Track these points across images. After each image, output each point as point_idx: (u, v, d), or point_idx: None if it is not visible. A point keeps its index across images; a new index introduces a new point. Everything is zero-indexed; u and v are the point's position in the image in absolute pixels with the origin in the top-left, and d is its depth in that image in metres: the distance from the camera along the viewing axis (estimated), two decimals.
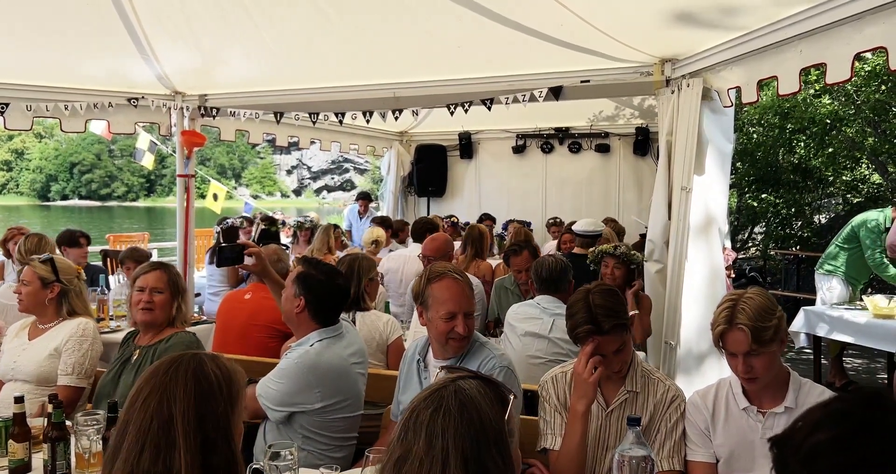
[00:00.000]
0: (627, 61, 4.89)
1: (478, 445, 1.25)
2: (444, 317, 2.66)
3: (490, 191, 10.26)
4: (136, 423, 1.36)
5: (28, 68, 5.63)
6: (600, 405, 2.46)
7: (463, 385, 1.33)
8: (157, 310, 3.11)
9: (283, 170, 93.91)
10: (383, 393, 3.48)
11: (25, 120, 5.77)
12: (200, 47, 5.59)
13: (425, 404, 1.31)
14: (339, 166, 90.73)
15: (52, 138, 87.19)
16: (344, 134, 9.00)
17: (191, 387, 1.40)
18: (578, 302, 2.43)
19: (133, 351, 3.14)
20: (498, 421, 1.29)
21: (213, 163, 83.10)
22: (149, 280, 3.11)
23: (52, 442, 2.40)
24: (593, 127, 9.49)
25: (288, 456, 2.13)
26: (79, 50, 5.48)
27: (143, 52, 5.46)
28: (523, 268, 4.78)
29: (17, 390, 3.04)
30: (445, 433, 1.26)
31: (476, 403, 1.29)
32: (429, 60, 5.52)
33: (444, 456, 1.25)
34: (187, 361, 1.46)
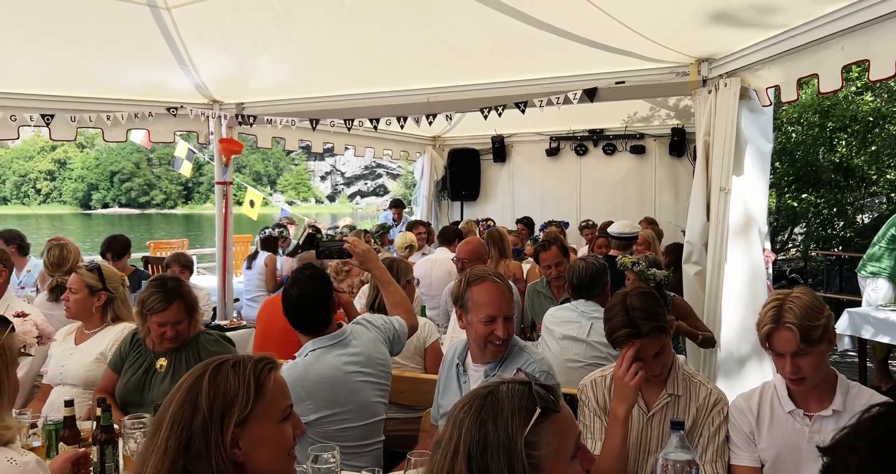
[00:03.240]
0: (663, 61, 4.84)
1: (483, 447, 1.24)
2: (483, 321, 2.65)
3: (523, 195, 10.22)
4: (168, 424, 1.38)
5: (71, 80, 5.78)
6: (641, 409, 2.44)
7: (502, 387, 1.32)
8: (181, 336, 3.18)
9: (318, 177, 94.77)
10: (422, 397, 3.49)
11: (70, 130, 5.92)
12: (237, 56, 5.70)
13: (464, 400, 1.33)
14: (372, 171, 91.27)
15: (93, 148, 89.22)
16: (378, 139, 9.07)
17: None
18: (616, 305, 2.42)
19: (154, 358, 3.20)
20: (508, 432, 1.24)
21: (248, 170, 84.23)
22: (168, 316, 3.11)
23: (101, 445, 2.46)
24: (628, 128, 9.40)
25: (330, 459, 2.15)
26: (120, 62, 5.61)
27: (181, 63, 5.57)
28: (552, 263, 4.75)
29: (66, 394, 3.12)
30: (462, 427, 1.26)
31: (496, 406, 1.28)
32: (462, 65, 5.54)
33: (454, 449, 1.25)
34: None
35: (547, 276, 4.85)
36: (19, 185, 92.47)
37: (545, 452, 1.27)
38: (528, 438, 1.25)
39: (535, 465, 1.25)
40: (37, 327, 2.88)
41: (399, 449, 3.04)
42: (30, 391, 3.72)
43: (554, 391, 1.33)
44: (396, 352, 3.21)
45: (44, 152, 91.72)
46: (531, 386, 1.32)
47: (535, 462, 1.25)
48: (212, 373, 1.41)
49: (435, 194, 10.52)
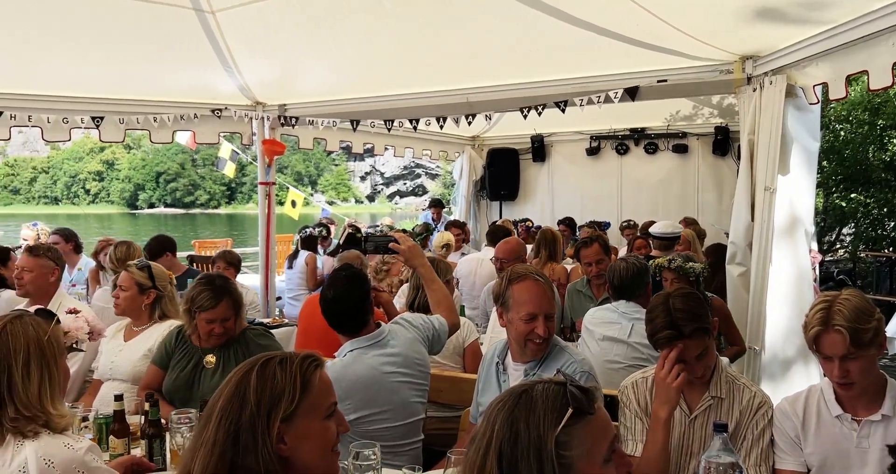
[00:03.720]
0: (706, 59, 4.77)
1: (514, 444, 1.24)
2: (524, 319, 2.65)
3: (563, 194, 10.16)
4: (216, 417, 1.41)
5: (120, 83, 5.93)
6: (683, 411, 2.41)
7: (538, 386, 1.33)
8: (228, 333, 3.25)
9: (357, 177, 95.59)
10: (461, 396, 3.51)
11: (118, 132, 6.08)
12: (280, 58, 5.78)
13: (502, 396, 1.33)
14: (410, 172, 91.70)
15: (140, 149, 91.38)
16: (417, 139, 9.11)
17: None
18: (658, 306, 2.39)
19: (202, 354, 3.26)
20: (539, 431, 1.25)
21: (290, 170, 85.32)
22: (217, 313, 3.18)
23: (149, 439, 2.53)
24: (670, 127, 9.28)
25: (371, 456, 2.17)
26: (167, 64, 5.74)
27: (226, 65, 5.68)
28: (593, 261, 4.71)
29: (116, 389, 3.21)
30: (495, 424, 1.27)
31: (530, 405, 1.28)
32: (501, 64, 5.53)
33: (486, 445, 1.26)
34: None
35: (587, 274, 4.82)
36: (69, 186, 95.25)
37: (576, 453, 1.26)
38: (559, 438, 1.26)
39: (566, 466, 1.25)
40: (88, 323, 2.96)
41: (438, 447, 3.06)
42: (81, 386, 3.84)
43: (589, 393, 1.33)
44: (436, 351, 3.23)
45: (92, 153, 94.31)
46: (566, 386, 1.32)
47: (565, 462, 1.25)
48: (259, 369, 1.45)
49: (474, 194, 10.52)
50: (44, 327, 1.91)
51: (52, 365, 1.88)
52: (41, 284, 3.90)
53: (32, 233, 7.30)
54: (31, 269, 3.89)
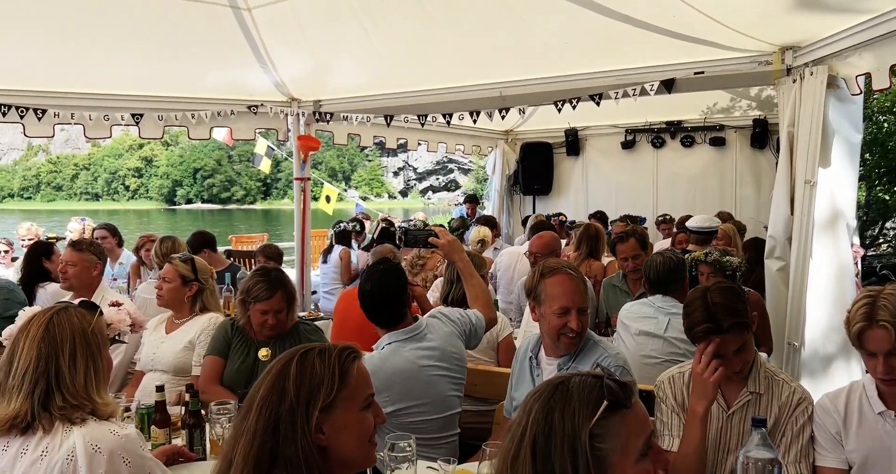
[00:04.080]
0: (744, 50, 4.70)
1: (548, 438, 1.24)
2: (556, 313, 2.65)
3: (598, 189, 10.07)
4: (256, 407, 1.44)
5: (159, 81, 6.05)
6: (721, 407, 2.39)
7: (574, 378, 1.33)
8: (281, 325, 3.31)
9: (390, 172, 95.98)
10: (495, 390, 3.52)
11: (157, 129, 6.20)
12: (314, 54, 5.84)
13: (539, 387, 1.34)
14: (443, 167, 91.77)
15: (178, 146, 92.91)
16: (450, 134, 9.12)
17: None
18: (696, 300, 2.37)
19: (258, 347, 3.31)
20: (574, 422, 1.25)
21: (324, 166, 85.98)
22: (272, 305, 3.24)
23: (189, 429, 2.58)
24: (707, 120, 9.14)
25: (406, 447, 2.19)
26: (204, 62, 5.84)
27: (262, 62, 5.75)
28: (630, 256, 4.67)
29: (157, 380, 3.27)
30: (530, 414, 1.28)
31: (565, 396, 1.28)
32: (535, 58, 5.51)
33: (521, 434, 1.27)
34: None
35: (623, 269, 4.78)
36: (110, 182, 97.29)
37: (611, 446, 1.26)
38: (594, 430, 1.25)
39: (600, 458, 1.25)
40: (130, 316, 3.03)
41: (473, 441, 3.07)
42: (123, 377, 3.93)
43: (626, 387, 1.32)
44: (473, 345, 3.24)
45: (132, 150, 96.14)
46: (603, 379, 1.31)
47: (599, 454, 1.25)
48: (299, 360, 1.47)
49: (507, 189, 10.49)
50: (88, 318, 1.96)
51: (97, 355, 1.94)
52: (84, 278, 4.01)
53: (79, 227, 7.50)
54: (74, 263, 4.00)
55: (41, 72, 5.56)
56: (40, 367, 1.83)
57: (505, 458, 1.26)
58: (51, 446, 1.78)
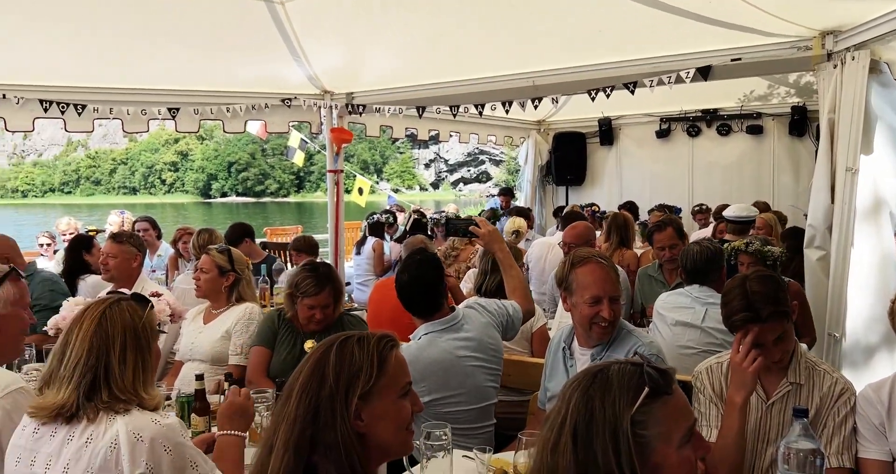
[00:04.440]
0: (783, 36, 4.60)
1: (589, 425, 1.24)
2: (588, 302, 2.63)
3: (632, 179, 9.97)
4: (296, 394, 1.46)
5: (194, 75, 6.13)
6: (760, 397, 2.35)
7: (614, 366, 1.32)
8: (327, 319, 3.36)
9: (422, 164, 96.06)
10: (529, 380, 3.51)
11: (193, 123, 6.29)
12: (347, 47, 5.86)
13: (577, 375, 1.34)
14: (474, 158, 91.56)
15: (212, 140, 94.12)
16: (482, 125, 9.10)
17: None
18: (734, 289, 2.34)
19: (304, 339, 3.36)
20: (615, 409, 1.24)
21: (356, 159, 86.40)
22: (319, 300, 3.31)
23: None
24: (744, 107, 8.98)
25: (442, 436, 2.21)
26: (238, 56, 5.89)
27: (295, 55, 5.79)
28: (667, 245, 4.61)
29: (196, 369, 3.34)
30: (570, 402, 1.28)
31: (605, 383, 1.28)
32: (568, 46, 5.46)
33: (560, 424, 1.27)
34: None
35: (660, 259, 4.73)
36: (146, 176, 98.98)
37: (653, 433, 1.26)
38: (635, 417, 1.25)
39: (643, 444, 1.25)
40: (169, 306, 3.09)
41: (507, 431, 3.07)
42: (163, 366, 4.01)
43: (667, 374, 1.32)
44: (510, 337, 3.24)
45: (167, 145, 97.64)
46: (643, 367, 1.31)
47: (642, 441, 1.25)
48: (338, 348, 1.49)
49: (539, 179, 10.43)
50: (139, 313, 1.99)
51: (146, 351, 1.97)
52: (125, 269, 4.09)
53: (119, 220, 7.66)
54: (115, 255, 4.08)
55: (81, 68, 5.67)
56: (91, 361, 1.87)
57: (544, 446, 1.26)
58: (95, 434, 1.82)
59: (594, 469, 1.22)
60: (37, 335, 3.48)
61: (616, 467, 1.21)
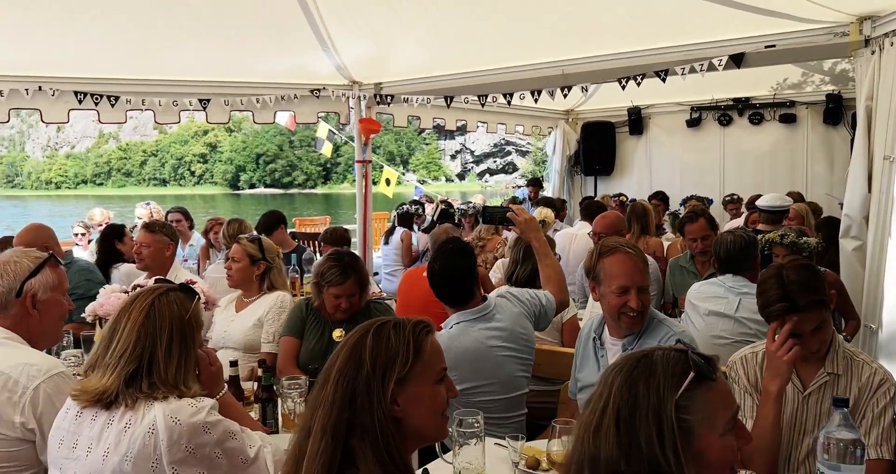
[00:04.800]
0: (819, 22, 4.50)
1: (633, 409, 1.24)
2: (616, 292, 2.61)
3: (662, 168, 9.87)
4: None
5: (224, 66, 6.19)
6: (797, 388, 2.32)
7: (658, 352, 1.32)
8: (353, 308, 3.37)
9: (448, 155, 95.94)
10: (559, 370, 3.50)
11: (223, 114, 6.35)
12: (375, 37, 5.86)
13: (620, 360, 1.34)
14: (500, 149, 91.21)
15: (240, 132, 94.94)
16: (510, 115, 9.06)
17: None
18: (771, 278, 2.30)
19: (332, 327, 3.38)
20: (659, 393, 1.24)
21: (382, 150, 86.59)
22: (345, 289, 3.32)
23: (262, 403, 2.66)
24: (777, 96, 8.83)
25: (475, 424, 2.21)
26: (268, 47, 5.94)
27: (324, 46, 5.81)
28: (699, 237, 4.56)
29: (228, 357, 3.37)
30: (612, 387, 1.27)
31: (650, 369, 1.27)
32: (598, 34, 5.41)
33: (603, 408, 1.26)
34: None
35: (692, 250, 4.67)
36: (176, 168, 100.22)
37: (697, 418, 1.25)
38: (680, 401, 1.25)
39: (686, 430, 1.24)
40: (203, 293, 3.13)
41: (537, 420, 3.07)
42: None
43: (711, 360, 1.31)
44: (543, 327, 3.22)
45: (197, 137, 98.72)
46: (687, 353, 1.30)
47: (685, 426, 1.24)
48: (375, 333, 1.50)
49: (567, 169, 10.38)
50: (186, 305, 2.01)
51: (191, 345, 1.99)
52: (158, 258, 4.16)
53: (146, 211, 7.77)
54: (148, 244, 4.15)
55: (114, 60, 5.75)
56: (137, 352, 1.89)
57: (586, 430, 1.26)
58: (133, 420, 1.84)
59: (637, 453, 1.21)
60: (74, 323, 3.54)
61: (659, 451, 1.21)
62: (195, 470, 1.85)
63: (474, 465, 2.20)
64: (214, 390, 2.10)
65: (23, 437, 2.12)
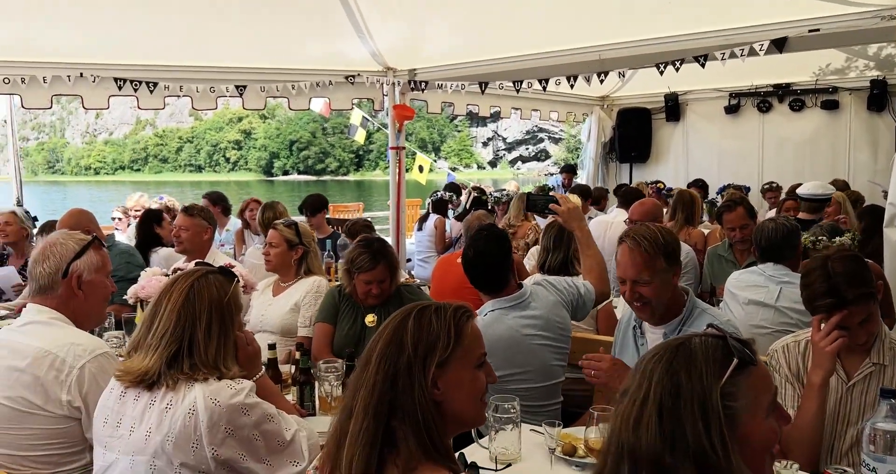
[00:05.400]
0: (865, 4, 4.38)
1: (676, 399, 1.21)
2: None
3: (699, 156, 9.73)
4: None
5: (260, 53, 6.22)
6: (840, 378, 2.27)
7: (695, 339, 1.29)
8: (384, 294, 3.38)
9: (479, 143, 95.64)
10: None
11: (259, 100, 6.39)
12: (410, 23, 5.85)
13: (654, 350, 1.31)
14: (533, 136, 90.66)
15: (274, 119, 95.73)
16: (544, 101, 8.99)
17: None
18: (816, 270, 2.25)
19: (364, 313, 3.40)
20: (703, 382, 1.21)
21: (414, 137, 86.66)
22: (375, 275, 3.32)
23: (300, 386, 2.69)
24: (819, 81, 8.62)
25: (511, 409, 2.21)
26: (304, 33, 5.96)
27: (359, 32, 5.81)
28: (737, 226, 4.48)
29: (265, 341, 3.42)
30: (651, 377, 1.25)
31: (691, 357, 1.25)
32: (636, 18, 5.33)
33: (643, 399, 1.23)
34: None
35: (730, 239, 4.60)
36: (211, 154, 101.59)
37: (741, 404, 1.23)
38: (724, 389, 1.22)
39: (732, 417, 1.22)
40: (242, 277, 3.16)
41: (572, 407, 3.06)
42: None
43: (749, 344, 1.29)
44: (580, 317, 3.20)
45: (231, 124, 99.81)
46: (726, 339, 1.28)
47: (731, 414, 1.22)
48: (416, 316, 1.50)
49: (602, 156, 10.28)
50: (225, 288, 2.03)
51: (230, 327, 2.01)
52: (197, 242, 4.22)
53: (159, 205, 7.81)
54: (187, 228, 4.21)
55: (152, 46, 5.82)
56: (177, 333, 1.92)
57: (625, 422, 1.24)
58: (174, 400, 1.87)
59: (682, 443, 1.19)
60: (116, 304, 3.61)
61: (706, 441, 1.19)
62: (234, 452, 1.87)
63: (510, 451, 2.21)
64: (252, 371, 2.12)
65: (69, 415, 2.18)
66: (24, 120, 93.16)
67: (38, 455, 2.18)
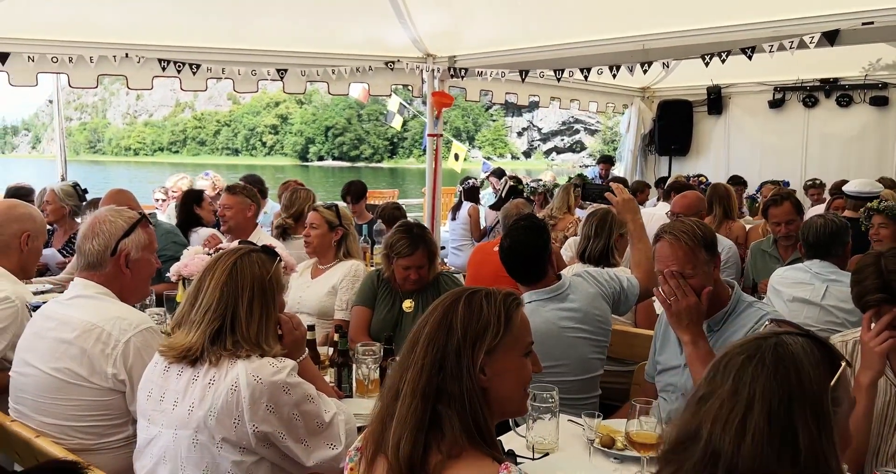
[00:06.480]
0: None
1: (788, 403, 1.16)
2: None
3: (741, 150, 9.54)
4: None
5: (301, 37, 6.25)
6: (889, 380, 2.22)
7: (787, 339, 1.24)
8: (423, 280, 3.39)
9: (514, 132, 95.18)
10: (631, 351, 3.45)
11: (300, 84, 6.42)
12: (451, 9, 5.82)
13: (740, 350, 1.26)
14: (569, 127, 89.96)
15: (311, 104, 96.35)
16: (584, 91, 8.89)
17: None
18: (868, 266, 2.19)
19: (402, 298, 3.42)
20: (818, 384, 1.18)
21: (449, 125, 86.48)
22: (413, 261, 3.33)
23: (337, 367, 2.71)
24: (868, 77, 8.38)
25: (549, 399, 2.20)
26: (345, 18, 5.97)
27: (400, 17, 5.80)
28: (783, 221, 4.38)
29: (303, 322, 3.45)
30: (754, 382, 1.19)
31: (797, 360, 1.20)
32: (681, 8, 5.23)
33: (747, 404, 1.18)
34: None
35: (776, 234, 4.49)
36: (248, 138, 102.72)
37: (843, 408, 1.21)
38: (833, 393, 1.19)
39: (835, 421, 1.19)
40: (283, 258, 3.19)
41: (606, 400, 3.03)
42: None
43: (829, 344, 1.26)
44: (622, 311, 3.16)
45: (268, 108, 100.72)
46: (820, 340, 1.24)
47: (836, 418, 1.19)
48: (466, 300, 1.49)
49: (641, 148, 10.14)
50: (268, 266, 2.04)
51: (271, 305, 2.03)
52: (241, 219, 4.29)
53: (208, 183, 7.85)
54: (231, 206, 4.27)
55: (197, 28, 5.87)
56: (220, 309, 1.94)
57: (725, 427, 1.17)
58: (217, 376, 1.90)
59: (792, 449, 1.14)
60: (163, 283, 3.68)
61: (820, 447, 1.15)
62: (274, 429, 1.89)
63: (548, 440, 2.20)
64: (296, 354, 2.13)
65: (114, 388, 2.22)
66: (68, 100, 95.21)
67: (83, 425, 2.23)
